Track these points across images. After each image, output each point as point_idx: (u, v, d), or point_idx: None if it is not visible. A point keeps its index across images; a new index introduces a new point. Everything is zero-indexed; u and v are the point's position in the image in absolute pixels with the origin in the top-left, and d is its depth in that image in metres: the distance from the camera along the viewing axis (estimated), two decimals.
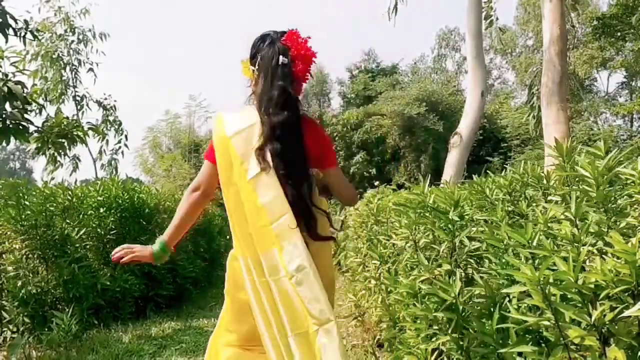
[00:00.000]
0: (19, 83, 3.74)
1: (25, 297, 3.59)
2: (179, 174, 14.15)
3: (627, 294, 1.05)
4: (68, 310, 3.56)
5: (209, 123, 16.88)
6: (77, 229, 4.00)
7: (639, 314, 0.97)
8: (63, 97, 11.02)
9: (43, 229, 3.79)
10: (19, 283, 3.61)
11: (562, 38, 5.18)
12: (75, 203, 4.19)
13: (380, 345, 3.08)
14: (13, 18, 4.02)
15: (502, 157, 14.09)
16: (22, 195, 3.77)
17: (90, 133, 6.71)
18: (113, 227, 4.29)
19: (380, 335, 3.00)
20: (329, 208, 1.83)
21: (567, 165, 1.53)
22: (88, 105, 11.46)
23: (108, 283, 3.96)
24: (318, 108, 17.24)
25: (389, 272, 2.50)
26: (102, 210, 4.29)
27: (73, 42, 11.19)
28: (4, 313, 3.63)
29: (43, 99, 10.43)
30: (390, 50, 50.76)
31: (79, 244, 4.05)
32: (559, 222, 1.32)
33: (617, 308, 1.04)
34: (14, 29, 4.09)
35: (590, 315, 1.04)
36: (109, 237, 4.25)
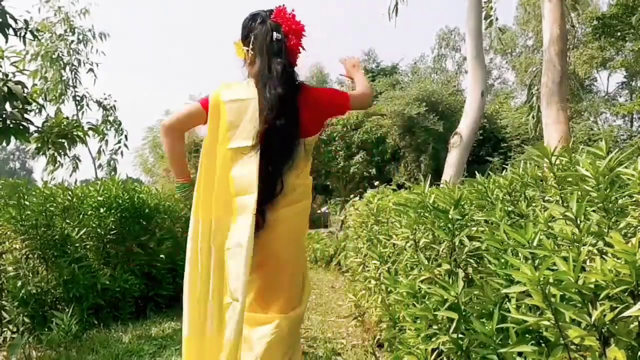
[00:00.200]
0: (19, 83, 3.73)
1: (25, 297, 3.59)
2: None
3: (627, 294, 1.05)
4: (68, 310, 3.56)
5: None
6: (77, 229, 3.99)
7: (639, 314, 0.97)
8: (63, 97, 11.02)
9: (43, 229, 3.79)
10: (19, 283, 3.61)
11: (562, 38, 5.18)
12: (76, 203, 4.18)
13: (380, 345, 3.08)
14: (13, 18, 4.01)
15: (502, 157, 14.08)
16: (22, 195, 3.77)
17: (91, 133, 6.70)
18: (113, 227, 4.29)
19: (380, 335, 3.00)
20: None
21: (554, 167, 1.55)
22: (88, 105, 11.48)
23: (108, 283, 3.95)
24: None
25: (389, 272, 2.49)
26: (102, 210, 4.29)
27: (73, 42, 11.19)
28: (4, 313, 3.63)
29: (43, 99, 10.43)
30: (390, 50, 50.84)
31: (79, 244, 4.04)
32: (558, 221, 1.32)
33: (617, 308, 1.04)
34: (14, 29, 4.08)
35: (590, 315, 1.04)
36: (109, 237, 4.24)
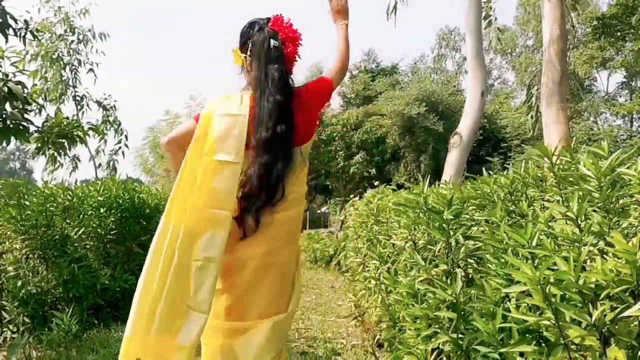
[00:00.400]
0: (19, 83, 3.72)
1: (25, 297, 3.59)
2: None
3: (627, 294, 1.05)
4: (68, 310, 3.56)
5: None
6: (77, 229, 3.99)
7: None
8: (63, 97, 11.03)
9: (43, 229, 3.79)
10: (19, 283, 3.61)
11: (562, 38, 5.18)
12: (76, 203, 4.18)
13: (380, 345, 3.08)
14: (13, 18, 4.00)
15: (502, 157, 14.09)
16: (22, 195, 3.77)
17: (91, 133, 6.69)
18: (113, 227, 4.29)
19: (380, 335, 3.00)
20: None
21: (555, 167, 1.55)
22: (88, 105, 11.49)
23: (108, 283, 3.95)
24: None
25: (389, 272, 2.49)
26: (102, 210, 4.28)
27: (73, 42, 11.20)
28: (4, 313, 3.63)
29: (43, 99, 10.43)
30: (390, 50, 50.80)
31: (79, 244, 4.04)
32: (559, 220, 1.32)
33: (617, 308, 1.03)
34: (14, 29, 4.07)
35: (591, 315, 1.04)
36: (109, 237, 4.24)
